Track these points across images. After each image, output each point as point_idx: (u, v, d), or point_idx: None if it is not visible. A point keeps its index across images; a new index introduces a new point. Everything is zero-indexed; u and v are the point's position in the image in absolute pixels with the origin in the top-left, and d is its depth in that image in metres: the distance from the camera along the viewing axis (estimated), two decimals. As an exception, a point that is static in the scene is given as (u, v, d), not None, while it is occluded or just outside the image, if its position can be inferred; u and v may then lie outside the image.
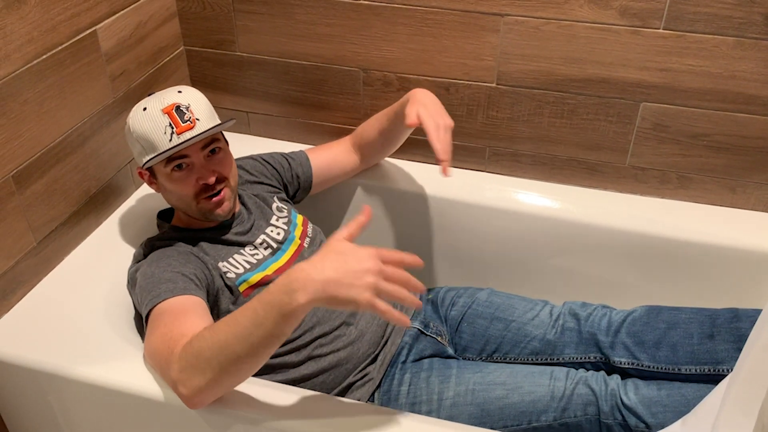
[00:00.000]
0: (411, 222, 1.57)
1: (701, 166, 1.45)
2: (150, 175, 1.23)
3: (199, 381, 0.93)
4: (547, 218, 1.48)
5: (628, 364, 1.20)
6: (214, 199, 1.20)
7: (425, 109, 1.27)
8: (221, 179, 1.20)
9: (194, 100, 1.19)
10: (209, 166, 1.19)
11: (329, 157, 1.48)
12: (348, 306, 0.87)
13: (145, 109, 1.17)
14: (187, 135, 1.15)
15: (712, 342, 1.15)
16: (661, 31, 1.32)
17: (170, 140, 1.15)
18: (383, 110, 1.43)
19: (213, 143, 1.19)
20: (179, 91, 1.20)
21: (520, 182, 1.55)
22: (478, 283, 1.51)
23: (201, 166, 1.18)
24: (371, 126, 1.45)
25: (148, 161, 1.17)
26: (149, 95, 1.21)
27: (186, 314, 1.04)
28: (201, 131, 1.16)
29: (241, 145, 1.57)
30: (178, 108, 1.16)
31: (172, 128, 1.15)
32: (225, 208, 1.22)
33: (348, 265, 0.87)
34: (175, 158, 1.17)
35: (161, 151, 1.15)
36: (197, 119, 1.17)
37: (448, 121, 1.28)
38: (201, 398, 0.95)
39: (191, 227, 1.26)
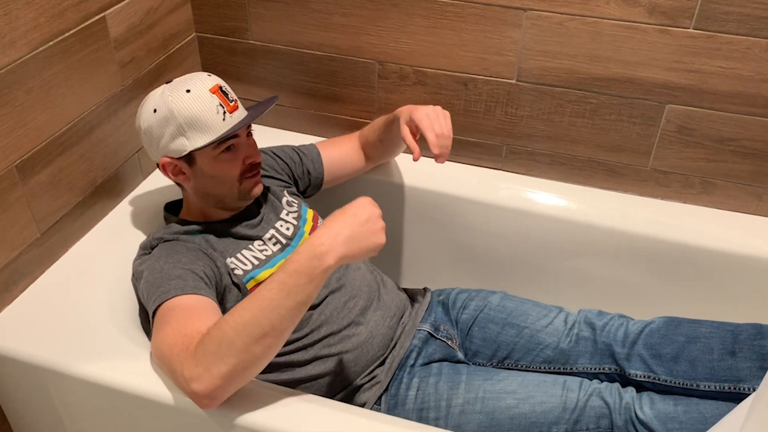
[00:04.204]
0: (423, 220, 1.55)
1: (727, 171, 1.41)
2: (183, 164, 1.16)
3: (220, 369, 0.92)
4: (563, 220, 1.44)
5: (644, 377, 1.16)
6: (255, 177, 1.20)
7: (426, 119, 1.23)
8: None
9: (224, 83, 1.19)
10: (252, 146, 1.20)
11: (341, 155, 1.44)
12: (371, 254, 0.97)
13: (188, 90, 1.13)
14: (237, 114, 1.16)
15: (734, 359, 1.12)
16: (690, 30, 1.27)
17: (223, 119, 1.13)
18: (380, 118, 1.40)
19: (250, 125, 1.20)
20: (208, 75, 1.18)
21: (538, 182, 1.52)
22: (491, 285, 1.48)
23: (247, 146, 1.19)
24: (372, 132, 1.42)
25: (206, 144, 1.12)
26: (167, 83, 1.16)
27: (198, 313, 1.01)
28: (251, 110, 1.18)
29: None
30: (221, 88, 1.16)
31: (223, 108, 1.14)
32: (260, 188, 1.22)
33: (357, 218, 0.96)
34: (227, 139, 1.15)
35: (221, 131, 1.12)
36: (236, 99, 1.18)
37: (446, 127, 1.24)
38: (219, 392, 0.94)
39: (201, 220, 1.23)
